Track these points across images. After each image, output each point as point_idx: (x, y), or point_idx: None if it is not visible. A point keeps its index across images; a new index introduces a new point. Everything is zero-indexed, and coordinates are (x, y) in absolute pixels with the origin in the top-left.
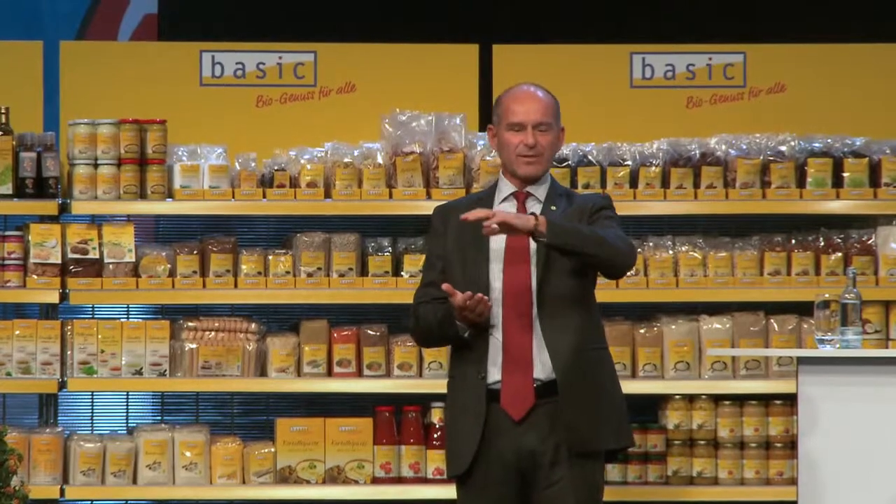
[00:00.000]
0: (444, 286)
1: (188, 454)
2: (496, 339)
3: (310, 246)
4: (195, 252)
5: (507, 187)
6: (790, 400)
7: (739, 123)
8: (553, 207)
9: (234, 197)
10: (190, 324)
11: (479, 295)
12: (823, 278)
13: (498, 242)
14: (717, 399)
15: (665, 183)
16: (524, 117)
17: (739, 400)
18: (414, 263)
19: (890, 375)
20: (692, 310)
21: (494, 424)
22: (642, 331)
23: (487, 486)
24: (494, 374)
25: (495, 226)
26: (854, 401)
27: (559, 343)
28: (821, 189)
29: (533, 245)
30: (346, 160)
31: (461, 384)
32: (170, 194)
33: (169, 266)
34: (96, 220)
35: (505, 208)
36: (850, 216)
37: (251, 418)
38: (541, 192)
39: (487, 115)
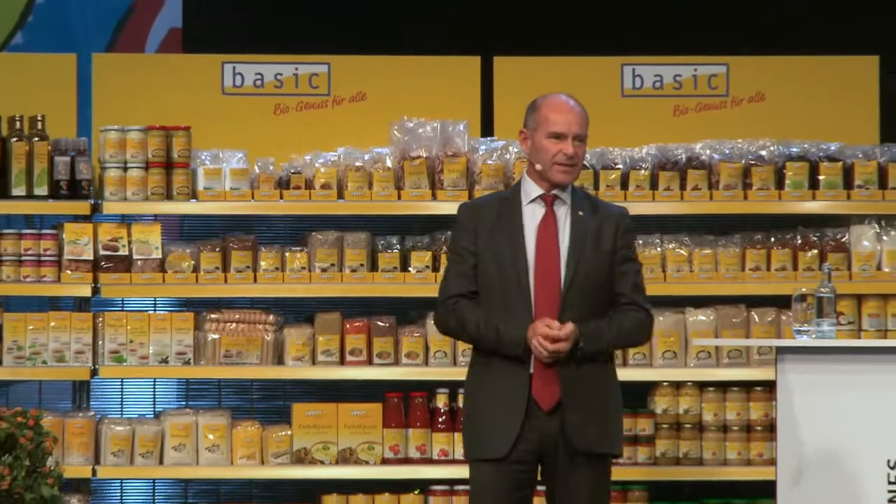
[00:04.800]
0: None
1: (211, 437)
2: None
3: (324, 243)
4: (217, 249)
5: (534, 190)
6: (769, 386)
7: (722, 130)
8: (580, 213)
9: (253, 198)
10: (212, 316)
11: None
12: (800, 274)
13: (531, 247)
14: (701, 386)
15: (653, 185)
16: (566, 128)
17: (722, 386)
18: (420, 259)
19: (862, 364)
20: (679, 303)
21: (528, 411)
22: None
23: (510, 464)
24: (530, 366)
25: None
26: (829, 387)
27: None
28: (798, 191)
29: (563, 255)
30: (357, 164)
31: (499, 372)
32: (194, 195)
33: (193, 262)
34: (126, 220)
35: (533, 209)
36: (825, 216)
37: (269, 403)
38: (566, 196)
39: (489, 122)
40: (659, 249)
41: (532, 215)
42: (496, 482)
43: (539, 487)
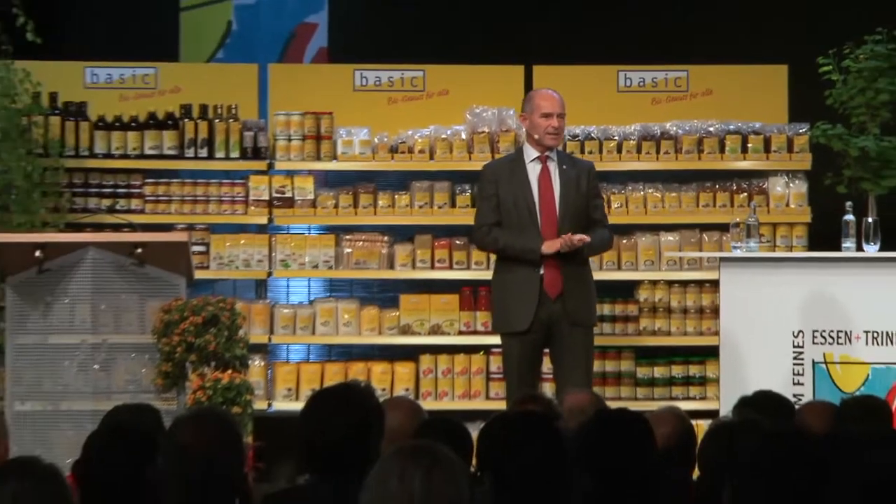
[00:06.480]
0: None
1: (346, 316)
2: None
3: (420, 189)
4: (350, 193)
5: (532, 153)
6: (716, 284)
7: (684, 114)
8: (564, 167)
9: (374, 159)
10: (347, 237)
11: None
12: (736, 209)
13: (535, 191)
14: (670, 283)
15: (639, 150)
16: (552, 109)
17: (684, 284)
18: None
19: (775, 269)
20: (655, 228)
21: (540, 298)
22: (625, 241)
23: (529, 334)
24: (541, 268)
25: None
26: (754, 284)
27: (568, 259)
28: (734, 154)
29: (557, 196)
30: (443, 136)
31: (519, 273)
32: (335, 157)
33: (334, 201)
34: (290, 174)
35: (533, 166)
36: (752, 171)
37: (385, 294)
38: (553, 155)
39: None
40: (642, 193)
41: (533, 170)
42: (521, 347)
43: (545, 350)
